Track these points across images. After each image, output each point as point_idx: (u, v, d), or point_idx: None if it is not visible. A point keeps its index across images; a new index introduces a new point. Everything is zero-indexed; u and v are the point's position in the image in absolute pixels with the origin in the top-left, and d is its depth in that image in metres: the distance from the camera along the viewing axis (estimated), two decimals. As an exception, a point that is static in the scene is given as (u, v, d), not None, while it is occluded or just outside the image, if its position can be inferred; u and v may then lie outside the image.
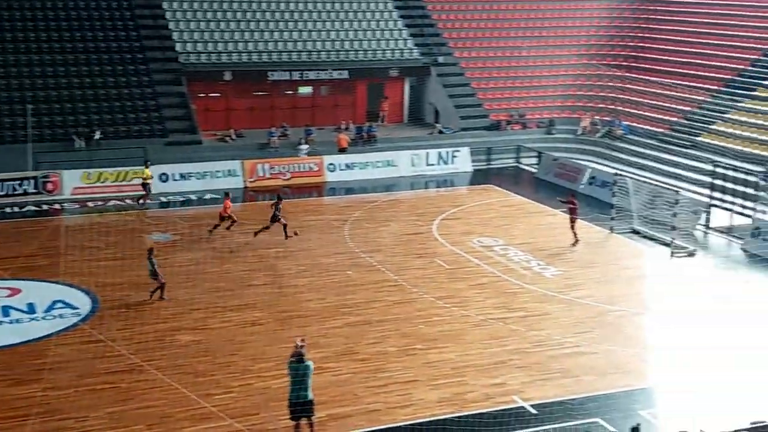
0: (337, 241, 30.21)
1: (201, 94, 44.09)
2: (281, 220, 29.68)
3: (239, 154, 40.01)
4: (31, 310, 23.35)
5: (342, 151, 41.53)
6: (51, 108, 39.82)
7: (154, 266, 23.96)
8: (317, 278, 26.37)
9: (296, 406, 16.56)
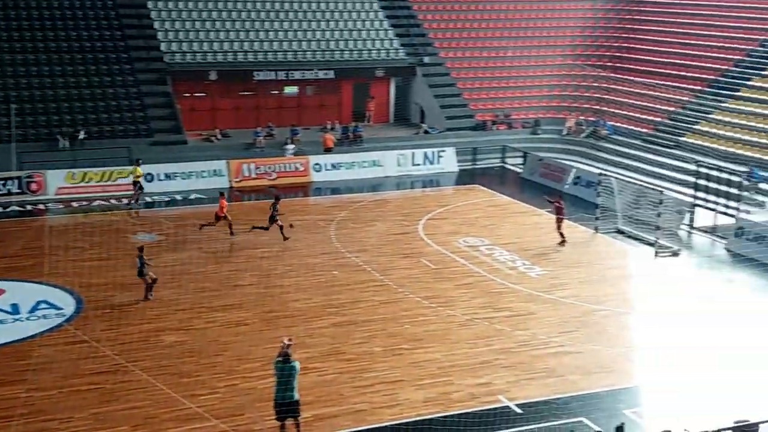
0: (323, 241, 30.19)
1: (186, 94, 43.95)
2: (278, 221, 29.63)
3: (225, 154, 39.95)
4: (15, 310, 23.22)
5: (328, 151, 41.50)
6: (35, 107, 39.59)
7: (143, 265, 23.88)
8: (303, 278, 26.35)
9: (282, 407, 16.56)
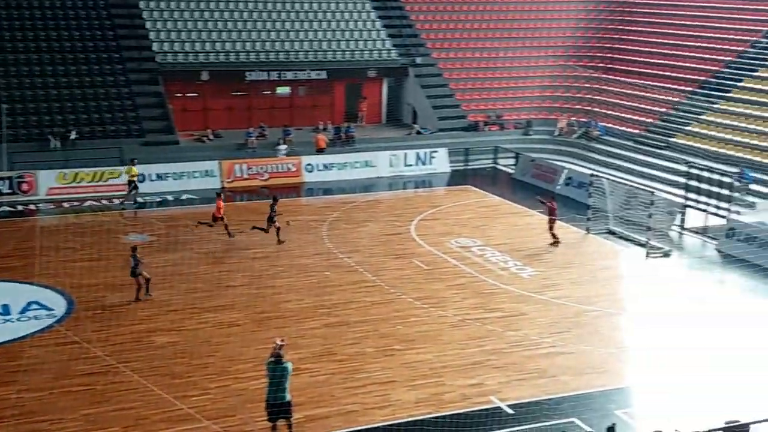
0: (316, 241, 30.18)
1: (178, 94, 43.89)
2: (276, 223, 29.59)
3: (217, 154, 39.89)
4: (5, 311, 23.13)
5: (320, 151, 41.48)
6: (26, 108, 39.48)
7: (137, 264, 23.83)
8: (295, 279, 26.33)
9: (274, 408, 16.55)
